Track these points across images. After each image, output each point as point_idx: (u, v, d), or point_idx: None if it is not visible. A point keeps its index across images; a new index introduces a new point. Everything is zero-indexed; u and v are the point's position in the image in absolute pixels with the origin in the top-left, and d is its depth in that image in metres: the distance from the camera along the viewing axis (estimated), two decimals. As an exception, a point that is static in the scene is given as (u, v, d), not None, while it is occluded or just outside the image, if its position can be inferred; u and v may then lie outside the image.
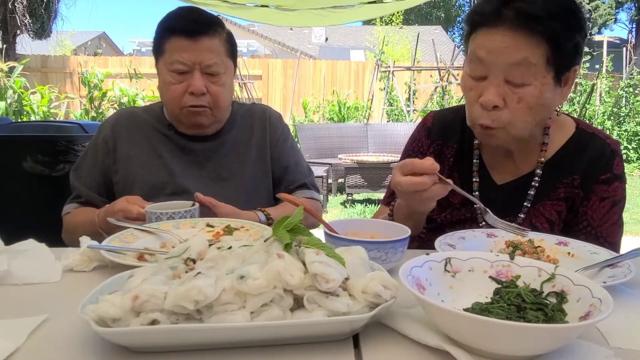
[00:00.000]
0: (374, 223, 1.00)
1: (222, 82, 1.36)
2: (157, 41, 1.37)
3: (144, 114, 1.47)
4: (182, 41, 1.30)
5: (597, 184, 1.14)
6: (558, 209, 1.16)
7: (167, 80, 1.33)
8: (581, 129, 1.20)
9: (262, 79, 11.56)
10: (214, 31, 1.34)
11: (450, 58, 9.91)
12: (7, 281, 0.80)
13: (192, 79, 1.31)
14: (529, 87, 1.01)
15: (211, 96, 1.34)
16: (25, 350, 0.59)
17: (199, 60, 1.31)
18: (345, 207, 6.04)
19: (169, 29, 1.33)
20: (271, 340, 0.60)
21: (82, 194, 1.42)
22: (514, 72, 1.00)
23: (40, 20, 13.40)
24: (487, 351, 0.57)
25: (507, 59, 1.00)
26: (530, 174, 1.17)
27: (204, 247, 0.74)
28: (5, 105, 7.48)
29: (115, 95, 9.06)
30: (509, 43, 0.99)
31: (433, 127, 1.30)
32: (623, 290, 0.81)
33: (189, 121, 1.37)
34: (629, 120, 9.60)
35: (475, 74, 1.05)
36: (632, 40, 11.58)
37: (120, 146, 1.42)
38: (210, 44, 1.32)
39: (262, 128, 1.49)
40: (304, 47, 20.86)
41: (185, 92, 1.32)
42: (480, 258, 0.75)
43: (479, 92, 1.06)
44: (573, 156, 1.16)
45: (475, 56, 1.04)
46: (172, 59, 1.31)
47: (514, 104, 1.03)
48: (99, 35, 23.98)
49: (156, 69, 1.39)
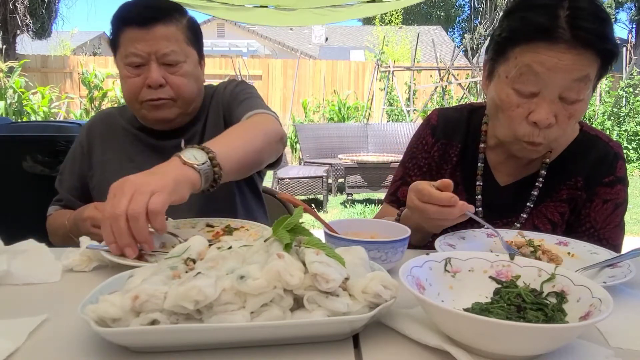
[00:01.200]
0: (374, 223, 1.00)
1: (184, 71, 1.26)
2: (112, 34, 1.28)
3: (119, 116, 1.42)
4: (134, 31, 1.22)
5: (600, 187, 1.13)
6: (561, 210, 1.15)
7: (124, 75, 1.25)
8: (585, 131, 1.19)
9: (262, 79, 11.57)
10: (169, 17, 1.25)
11: (450, 58, 9.91)
12: (7, 281, 0.80)
13: (149, 71, 1.23)
14: (581, 102, 1.00)
15: (172, 88, 1.25)
16: (25, 350, 0.59)
17: (154, 50, 1.22)
18: (345, 207, 6.04)
19: (121, 19, 1.25)
20: (271, 340, 0.60)
21: (63, 198, 1.40)
22: (573, 89, 0.97)
23: (40, 20, 13.41)
24: (487, 351, 0.57)
25: (570, 76, 0.96)
26: (534, 175, 1.17)
27: (204, 247, 0.74)
28: (5, 105, 7.49)
29: (116, 96, 9.06)
30: (574, 60, 0.95)
31: (438, 125, 1.27)
32: (623, 290, 0.81)
33: (152, 116, 1.29)
34: (629, 120, 9.60)
35: (527, 89, 1.00)
36: (632, 40, 11.58)
37: (95, 151, 1.38)
38: (165, 31, 1.23)
39: (217, 101, 1.39)
40: (304, 47, 20.88)
41: (142, 85, 1.24)
42: (480, 258, 0.75)
43: (528, 109, 1.01)
44: (577, 158, 1.16)
45: (530, 70, 0.98)
46: (126, 52, 1.23)
47: (564, 120, 1.01)
48: (99, 35, 23.97)
49: (116, 65, 1.31)
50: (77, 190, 1.40)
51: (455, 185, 1.21)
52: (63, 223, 1.25)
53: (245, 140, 1.11)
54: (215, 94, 1.41)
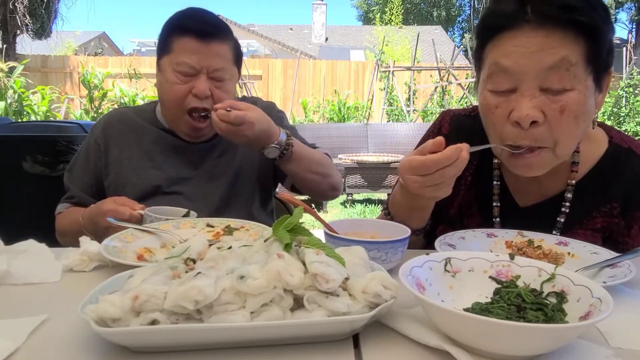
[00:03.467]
0: (374, 223, 1.00)
1: (227, 88, 1.33)
2: (164, 38, 1.32)
3: (135, 115, 1.45)
4: (192, 42, 1.27)
5: (639, 211, 1.00)
6: (592, 240, 0.99)
7: (171, 79, 1.30)
8: (615, 143, 1.04)
9: (262, 79, 11.57)
10: (224, 36, 1.31)
11: (450, 58, 9.91)
12: (7, 281, 0.80)
13: (197, 81, 1.28)
14: (571, 92, 0.86)
15: (214, 101, 1.30)
16: (25, 350, 0.59)
17: (207, 64, 1.28)
18: (345, 207, 6.04)
19: (180, 27, 1.29)
20: (271, 340, 0.60)
21: (74, 195, 1.41)
22: (552, 77, 0.85)
23: (40, 20, 13.40)
24: (487, 351, 0.57)
25: (542, 62, 0.85)
26: (558, 197, 1.03)
27: (204, 247, 0.74)
28: (5, 105, 7.49)
29: (116, 96, 9.06)
30: (542, 44, 0.84)
31: (450, 135, 1.10)
32: (623, 290, 0.81)
33: (195, 125, 1.34)
34: (629, 120, 9.59)
35: (501, 87, 0.90)
36: (632, 40, 11.58)
37: (112, 149, 1.40)
38: (220, 48, 1.30)
39: None
40: (304, 47, 20.88)
41: (188, 93, 1.29)
42: (480, 258, 0.75)
43: (508, 108, 0.90)
44: (609, 177, 1.01)
45: (498, 67, 0.89)
46: (179, 59, 1.28)
47: (556, 116, 0.87)
48: (99, 35, 23.98)
49: (157, 66, 1.35)
50: (91, 188, 1.41)
51: (469, 207, 1.12)
52: (76, 220, 1.26)
53: (315, 160, 1.35)
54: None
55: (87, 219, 1.22)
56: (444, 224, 1.14)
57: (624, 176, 1.01)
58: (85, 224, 1.22)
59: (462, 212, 1.14)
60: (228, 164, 1.41)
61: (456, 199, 1.13)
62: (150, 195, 1.34)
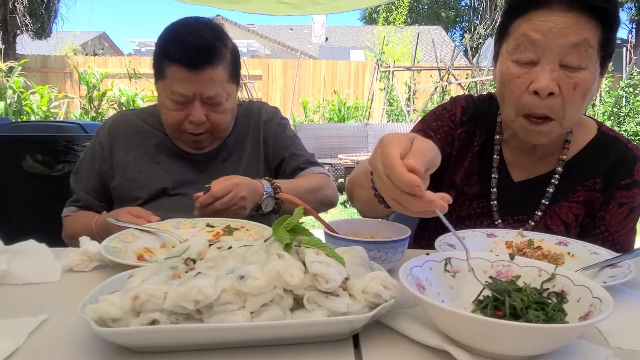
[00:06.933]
0: (374, 223, 1.00)
1: (224, 109, 1.32)
2: (156, 62, 1.31)
3: (140, 119, 1.45)
4: (182, 71, 1.24)
5: (617, 189, 1.11)
6: (575, 212, 1.13)
7: (167, 105, 1.30)
8: (603, 131, 1.17)
9: (262, 79, 11.57)
10: (216, 59, 1.27)
11: (450, 58, 9.91)
12: (7, 281, 0.80)
13: (192, 108, 1.28)
14: (585, 71, 0.98)
15: (211, 123, 1.32)
16: (25, 350, 0.59)
17: (200, 92, 1.27)
18: (345, 207, 6.04)
19: (169, 56, 1.26)
20: (271, 340, 0.60)
21: (80, 198, 1.42)
22: (572, 55, 0.96)
23: (40, 20, 13.42)
24: (487, 351, 0.57)
25: (567, 40, 0.96)
26: (550, 173, 1.15)
27: (204, 247, 0.74)
28: (5, 105, 7.49)
29: (115, 96, 9.06)
30: (570, 23, 0.95)
31: (467, 108, 1.21)
32: (623, 290, 0.81)
33: (192, 146, 1.37)
34: (629, 120, 9.59)
35: (525, 58, 1.00)
36: (632, 40, 11.57)
37: (117, 152, 1.40)
38: (212, 74, 1.26)
39: (256, 127, 1.47)
40: (304, 47, 20.88)
41: (184, 119, 1.30)
42: (480, 258, 0.75)
43: (529, 79, 1.00)
44: (595, 158, 1.13)
45: (527, 39, 0.99)
46: (172, 88, 1.27)
47: (569, 90, 0.98)
48: (99, 35, 23.99)
49: (155, 86, 1.35)
50: (96, 191, 1.42)
51: (471, 175, 1.21)
52: (88, 226, 1.26)
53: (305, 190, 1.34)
54: (249, 113, 1.49)
55: (102, 228, 1.21)
56: (449, 189, 1.21)
57: (608, 157, 1.13)
58: (98, 231, 1.22)
59: (464, 181, 1.22)
60: (233, 169, 1.42)
61: (462, 167, 1.21)
62: (156, 197, 1.35)
